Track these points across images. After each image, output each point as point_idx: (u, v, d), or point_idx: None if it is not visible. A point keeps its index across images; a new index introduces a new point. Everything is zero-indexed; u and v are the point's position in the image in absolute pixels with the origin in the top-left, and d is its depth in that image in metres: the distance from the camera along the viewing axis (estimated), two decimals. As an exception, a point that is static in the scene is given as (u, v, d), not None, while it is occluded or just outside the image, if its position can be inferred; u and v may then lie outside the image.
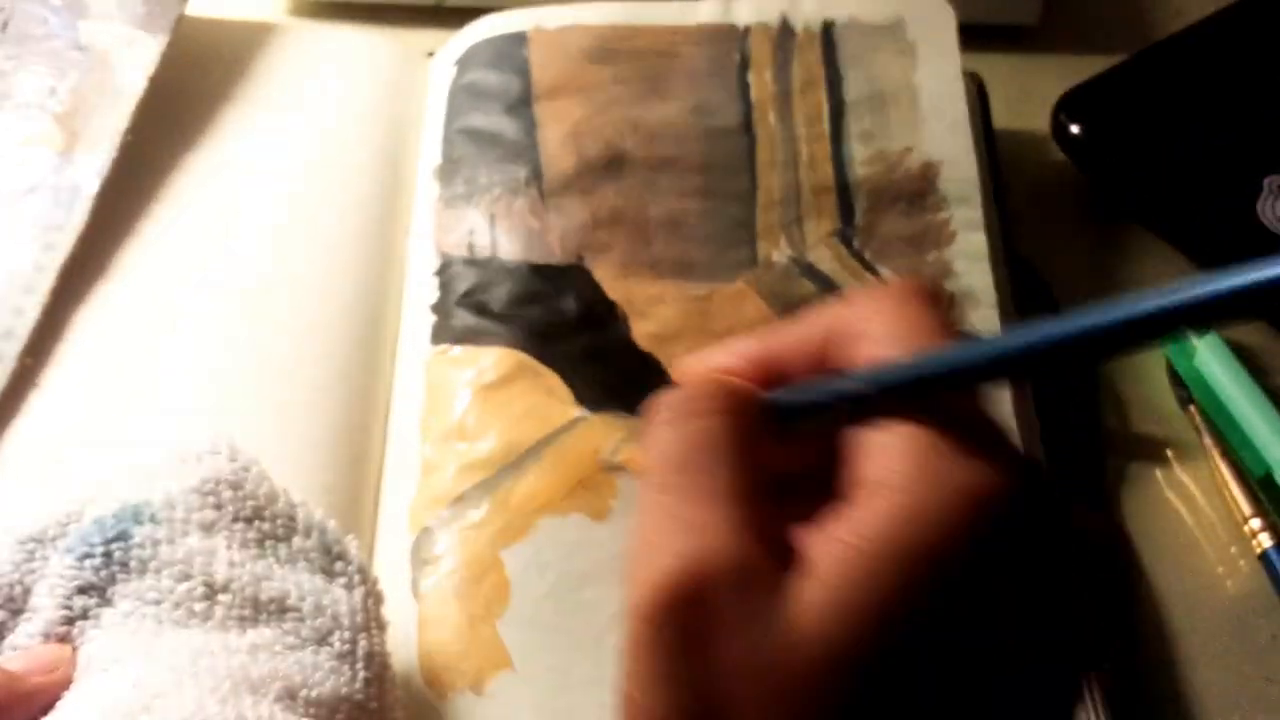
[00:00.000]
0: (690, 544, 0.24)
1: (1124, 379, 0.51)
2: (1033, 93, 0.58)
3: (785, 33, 0.55)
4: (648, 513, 0.25)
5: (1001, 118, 0.57)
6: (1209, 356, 0.49)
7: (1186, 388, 0.50)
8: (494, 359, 0.48)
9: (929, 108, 0.53)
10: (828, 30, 0.55)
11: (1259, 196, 0.53)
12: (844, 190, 0.52)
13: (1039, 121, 0.57)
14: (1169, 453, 0.50)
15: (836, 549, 0.23)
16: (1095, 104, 0.56)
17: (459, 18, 0.58)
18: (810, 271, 0.50)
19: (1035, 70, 0.60)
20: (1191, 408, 0.50)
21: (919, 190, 0.51)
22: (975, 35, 0.58)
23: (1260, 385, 0.49)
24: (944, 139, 0.52)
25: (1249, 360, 0.50)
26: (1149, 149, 0.55)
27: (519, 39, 0.55)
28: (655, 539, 0.24)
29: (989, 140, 0.55)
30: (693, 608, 0.23)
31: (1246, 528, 0.47)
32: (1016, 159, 0.56)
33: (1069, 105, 0.56)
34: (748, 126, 0.53)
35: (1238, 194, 0.53)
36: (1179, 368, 0.50)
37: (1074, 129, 0.55)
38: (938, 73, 0.54)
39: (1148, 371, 0.51)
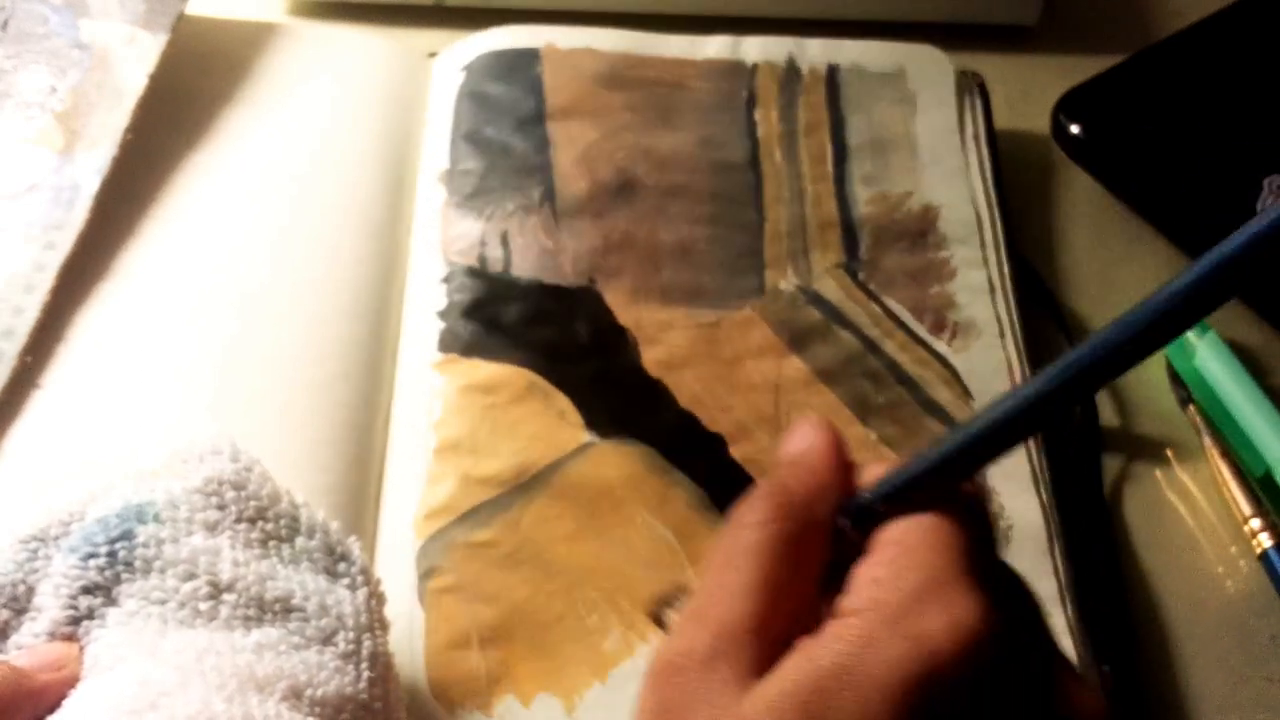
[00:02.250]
0: (688, 631, 0.28)
1: (1124, 379, 0.51)
2: (1033, 93, 0.59)
3: (791, 74, 0.56)
4: (688, 599, 0.29)
5: (1001, 118, 0.57)
6: (1209, 356, 0.49)
7: (1186, 388, 0.50)
8: (506, 376, 0.48)
9: (928, 155, 0.55)
10: (832, 75, 0.56)
11: (1259, 196, 0.53)
12: (848, 227, 0.53)
13: (1039, 121, 0.57)
14: (1169, 453, 0.50)
15: (792, 664, 0.26)
16: (1095, 104, 0.56)
17: (459, 18, 0.58)
18: (817, 300, 0.51)
19: (1035, 70, 0.60)
20: (1191, 408, 0.50)
21: (920, 230, 0.53)
22: (975, 35, 0.59)
23: (1260, 385, 0.49)
24: (943, 185, 0.54)
25: (1249, 360, 0.50)
26: (1149, 149, 0.55)
27: (531, 55, 0.56)
28: (677, 623, 0.28)
29: (989, 140, 0.56)
30: (672, 684, 0.27)
31: (1246, 528, 0.47)
32: (1016, 159, 0.56)
33: (1069, 105, 0.56)
34: (754, 162, 0.54)
35: (1238, 194, 0.53)
36: (1179, 368, 0.50)
37: (1074, 129, 0.55)
38: (935, 122, 0.56)
39: (1148, 371, 0.51)
